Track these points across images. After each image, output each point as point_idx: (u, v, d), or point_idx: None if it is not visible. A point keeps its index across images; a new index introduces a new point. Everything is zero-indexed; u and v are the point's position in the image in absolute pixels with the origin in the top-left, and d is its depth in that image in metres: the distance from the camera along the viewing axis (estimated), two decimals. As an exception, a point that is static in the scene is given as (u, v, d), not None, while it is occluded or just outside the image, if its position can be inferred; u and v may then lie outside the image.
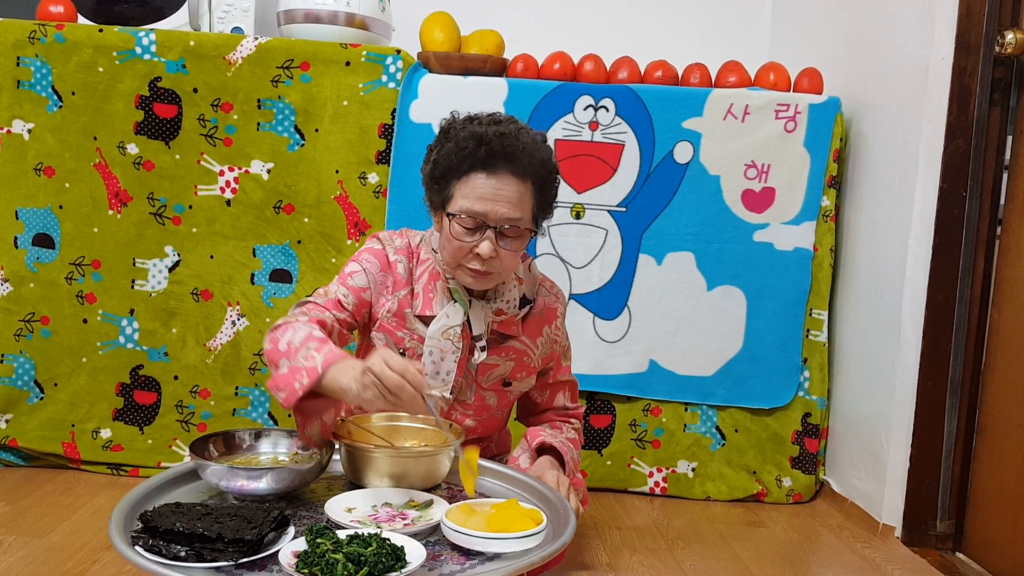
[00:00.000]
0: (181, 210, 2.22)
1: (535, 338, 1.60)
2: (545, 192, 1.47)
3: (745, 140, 2.23)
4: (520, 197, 1.42)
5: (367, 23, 2.23)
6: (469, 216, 1.41)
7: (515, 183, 1.42)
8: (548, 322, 1.62)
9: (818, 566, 1.92)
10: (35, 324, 2.23)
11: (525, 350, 1.60)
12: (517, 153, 1.41)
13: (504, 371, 1.59)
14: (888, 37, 2.16)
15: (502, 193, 1.41)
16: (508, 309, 1.55)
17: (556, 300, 1.65)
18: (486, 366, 1.57)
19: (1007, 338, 1.92)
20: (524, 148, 1.42)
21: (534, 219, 1.47)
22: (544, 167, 1.45)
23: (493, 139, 1.41)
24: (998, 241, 1.99)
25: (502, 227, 1.41)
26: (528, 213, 1.44)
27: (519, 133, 1.44)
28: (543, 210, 1.49)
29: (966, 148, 1.96)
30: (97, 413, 2.25)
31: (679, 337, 2.29)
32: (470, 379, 1.58)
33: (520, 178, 1.42)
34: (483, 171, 1.41)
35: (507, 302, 1.55)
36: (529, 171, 1.43)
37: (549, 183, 1.47)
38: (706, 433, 2.33)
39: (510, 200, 1.41)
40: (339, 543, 1.10)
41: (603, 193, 2.26)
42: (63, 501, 2.04)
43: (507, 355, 1.58)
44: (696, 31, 2.82)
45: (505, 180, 1.41)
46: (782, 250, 2.27)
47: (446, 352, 1.52)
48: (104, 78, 2.17)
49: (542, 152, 1.46)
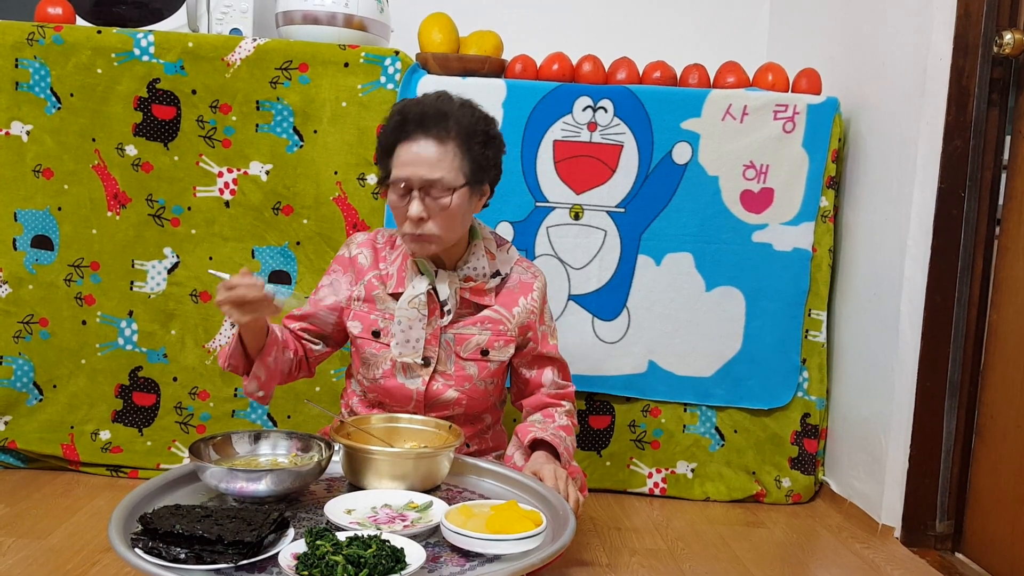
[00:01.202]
0: (180, 211, 2.22)
1: (510, 307, 1.67)
2: (473, 149, 1.55)
3: (744, 141, 2.24)
4: (439, 158, 1.52)
5: (365, 24, 2.23)
6: (395, 182, 1.54)
7: (432, 145, 1.52)
8: (524, 294, 1.69)
9: (817, 567, 1.92)
10: (34, 326, 2.23)
11: (500, 319, 1.67)
12: (432, 118, 1.53)
13: (481, 340, 1.66)
14: (886, 38, 2.16)
15: (420, 156, 1.52)
16: (477, 276, 1.64)
17: (533, 277, 1.72)
18: (462, 336, 1.65)
19: (1006, 338, 1.92)
20: (441, 113, 1.53)
21: (468, 177, 1.55)
22: (468, 128, 1.55)
23: (410, 111, 1.54)
24: (997, 241, 1.99)
25: (425, 188, 1.52)
26: (452, 172, 1.53)
27: (438, 102, 1.56)
28: (481, 168, 1.57)
29: (964, 148, 1.96)
30: (96, 415, 2.25)
31: (678, 338, 2.29)
32: (448, 350, 1.65)
33: (438, 140, 1.52)
34: (404, 141, 1.54)
35: (474, 270, 1.64)
36: (450, 133, 1.53)
37: (476, 142, 1.56)
38: (705, 434, 2.33)
39: (428, 162, 1.52)
40: (339, 545, 1.10)
41: (602, 194, 2.26)
42: (62, 503, 2.04)
43: (482, 325, 1.66)
44: (694, 32, 2.82)
45: (422, 144, 1.53)
46: (781, 251, 2.28)
47: (413, 320, 1.62)
48: (102, 80, 2.17)
49: (465, 115, 1.56)
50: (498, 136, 1.63)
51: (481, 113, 1.60)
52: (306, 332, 1.71)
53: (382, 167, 1.61)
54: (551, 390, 1.76)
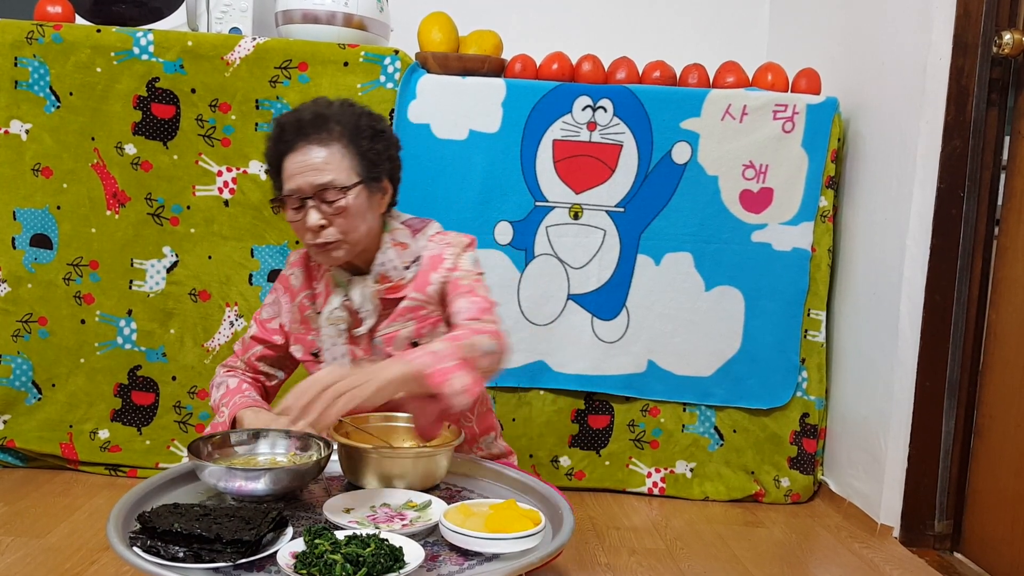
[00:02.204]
0: (179, 210, 2.22)
1: (425, 288, 1.56)
2: (361, 145, 1.49)
3: (743, 140, 2.24)
4: (326, 161, 1.46)
5: (365, 23, 2.23)
6: (288, 197, 1.48)
7: (317, 150, 1.46)
8: (434, 268, 1.57)
9: (816, 566, 1.92)
10: (33, 325, 2.23)
11: (418, 304, 1.57)
12: (310, 123, 1.47)
13: (408, 333, 1.57)
14: (886, 37, 2.16)
15: (307, 163, 1.46)
16: (392, 274, 1.56)
17: (446, 246, 1.59)
18: (390, 336, 1.58)
19: (1005, 338, 1.93)
20: (319, 116, 1.48)
21: (361, 175, 1.49)
22: (350, 125, 1.49)
23: (288, 124, 1.49)
24: (996, 241, 1.99)
25: (319, 194, 1.46)
26: (342, 172, 1.47)
27: (315, 106, 1.50)
28: (372, 164, 1.51)
29: (964, 148, 1.96)
30: (95, 414, 2.25)
31: (677, 337, 2.29)
32: (381, 352, 1.57)
33: (321, 144, 1.47)
34: (288, 152, 1.48)
35: (383, 266, 1.56)
36: (332, 133, 1.47)
37: (363, 137, 1.50)
38: (704, 433, 2.33)
39: (315, 167, 1.46)
40: (337, 544, 1.10)
41: (601, 193, 2.26)
42: (61, 502, 2.04)
43: (403, 316, 1.57)
44: (694, 32, 2.82)
45: (306, 151, 1.47)
46: (780, 250, 2.28)
47: (333, 337, 1.57)
48: (102, 78, 2.17)
49: (346, 113, 1.50)
50: (387, 130, 1.56)
51: (364, 110, 1.54)
52: (264, 359, 1.66)
53: (274, 186, 1.54)
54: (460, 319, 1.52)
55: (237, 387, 1.60)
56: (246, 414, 1.51)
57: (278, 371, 1.69)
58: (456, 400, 1.28)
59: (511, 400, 2.31)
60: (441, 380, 1.28)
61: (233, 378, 1.63)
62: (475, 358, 1.35)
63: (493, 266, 2.26)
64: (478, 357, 1.36)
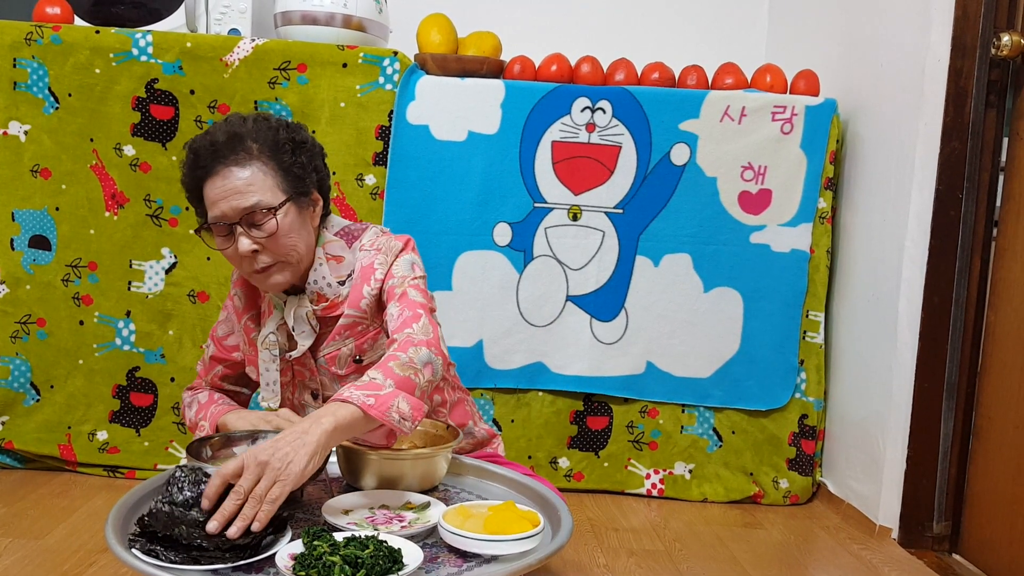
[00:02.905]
0: (178, 212, 2.22)
1: (358, 303, 1.48)
2: (283, 161, 1.40)
3: (742, 142, 2.24)
4: (248, 183, 1.36)
5: (364, 25, 2.23)
6: (213, 224, 1.39)
7: (237, 171, 1.37)
8: (366, 281, 1.49)
9: (815, 568, 1.92)
10: (31, 326, 2.23)
11: (355, 320, 1.48)
12: (225, 145, 1.37)
13: (349, 351, 1.50)
14: (884, 39, 2.16)
15: (228, 187, 1.36)
16: (327, 292, 1.47)
17: (376, 253, 1.50)
18: (332, 355, 1.50)
19: (1003, 340, 1.93)
20: (234, 136, 1.38)
21: (288, 192, 1.40)
22: (269, 141, 1.40)
23: (201, 147, 1.39)
24: (994, 243, 1.99)
25: (246, 218, 1.37)
26: (268, 192, 1.37)
27: (227, 126, 1.40)
28: (297, 178, 1.42)
29: (962, 150, 1.96)
30: (93, 415, 2.25)
31: (676, 339, 2.29)
32: (328, 374, 1.52)
33: (239, 165, 1.37)
34: (207, 178, 1.39)
35: (316, 283, 1.47)
36: (251, 152, 1.38)
37: (283, 153, 1.41)
38: (703, 435, 2.33)
39: (237, 190, 1.36)
40: (336, 545, 1.10)
41: (600, 195, 2.26)
42: (59, 503, 2.04)
43: (341, 335, 1.49)
44: (693, 33, 2.82)
45: (226, 175, 1.37)
46: (779, 252, 2.28)
47: (268, 363, 1.49)
48: (101, 80, 2.16)
49: (261, 129, 1.41)
50: (308, 140, 1.46)
51: (280, 122, 1.44)
52: (227, 378, 1.61)
53: (198, 214, 1.45)
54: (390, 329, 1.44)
55: (209, 399, 1.55)
56: (228, 418, 1.47)
57: (243, 388, 1.64)
58: (403, 427, 1.24)
59: (510, 401, 2.31)
60: (382, 412, 1.23)
61: (203, 393, 1.57)
62: (413, 376, 1.30)
63: (492, 268, 2.26)
64: (417, 372, 1.31)
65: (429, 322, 1.41)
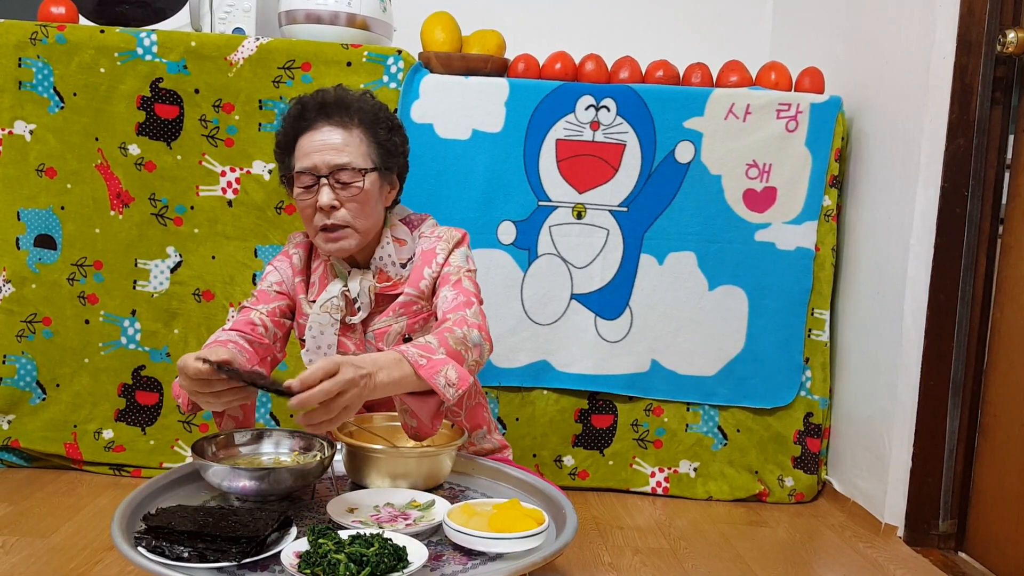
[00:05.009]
0: (183, 211, 2.22)
1: (418, 283, 1.57)
2: (379, 135, 1.52)
3: (746, 140, 2.23)
4: (345, 143, 1.48)
5: (368, 23, 2.23)
6: (301, 173, 1.48)
7: (337, 131, 1.49)
8: (427, 263, 1.58)
9: (820, 566, 1.92)
10: (37, 325, 2.24)
11: (411, 300, 1.57)
12: (333, 106, 1.49)
13: (400, 328, 1.58)
14: (889, 36, 2.16)
15: (326, 143, 1.48)
16: (390, 270, 1.57)
17: (437, 240, 1.60)
18: (382, 331, 1.58)
19: (1009, 337, 1.92)
20: (342, 100, 1.50)
21: (377, 162, 1.52)
22: (370, 113, 1.52)
23: (310, 103, 1.50)
24: (1000, 240, 1.99)
25: (334, 174, 1.47)
26: (359, 156, 1.49)
27: (337, 91, 1.52)
28: (389, 154, 1.54)
29: (968, 147, 1.96)
30: (99, 414, 2.26)
31: (681, 337, 2.29)
32: (372, 348, 1.58)
33: (342, 127, 1.49)
34: (307, 131, 1.50)
35: (381, 260, 1.57)
36: (353, 119, 1.50)
37: (381, 127, 1.53)
38: (708, 433, 2.33)
39: (334, 147, 1.47)
40: (341, 543, 1.10)
41: (604, 193, 2.26)
42: (65, 502, 2.04)
43: (396, 312, 1.57)
44: (697, 31, 2.82)
45: (326, 131, 1.49)
46: (784, 250, 2.27)
47: (324, 325, 1.56)
48: (105, 79, 2.17)
49: (366, 102, 1.53)
50: (402, 127, 1.60)
51: (382, 103, 1.58)
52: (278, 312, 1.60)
53: (283, 165, 1.55)
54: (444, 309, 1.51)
55: (219, 338, 1.51)
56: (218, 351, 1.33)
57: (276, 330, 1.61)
58: (447, 393, 1.27)
59: (514, 400, 2.31)
60: (432, 373, 1.26)
61: (223, 333, 1.54)
62: (464, 352, 1.36)
63: (496, 266, 2.26)
64: (467, 350, 1.37)
65: (479, 311, 1.49)
